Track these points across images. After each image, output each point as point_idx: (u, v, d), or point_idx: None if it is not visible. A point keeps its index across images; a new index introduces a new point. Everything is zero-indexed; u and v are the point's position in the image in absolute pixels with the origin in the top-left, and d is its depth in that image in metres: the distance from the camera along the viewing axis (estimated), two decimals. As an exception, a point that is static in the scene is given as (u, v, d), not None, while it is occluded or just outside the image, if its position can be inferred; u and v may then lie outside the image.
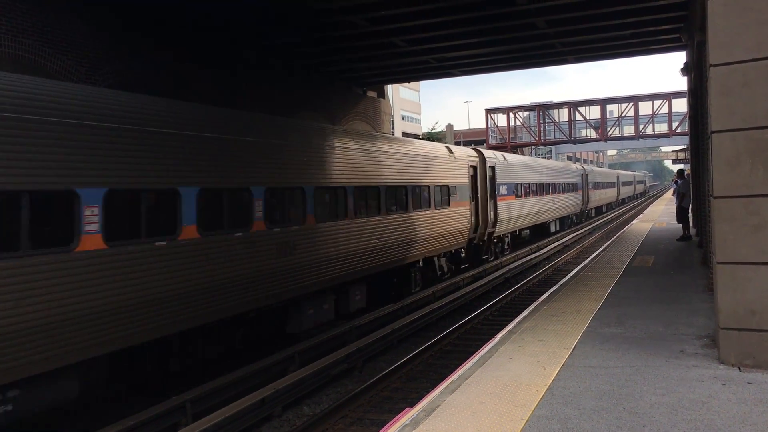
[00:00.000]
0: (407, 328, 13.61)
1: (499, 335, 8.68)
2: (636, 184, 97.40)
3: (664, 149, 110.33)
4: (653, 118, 43.92)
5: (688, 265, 14.59)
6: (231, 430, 8.36)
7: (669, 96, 42.40)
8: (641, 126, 44.05)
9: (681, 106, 40.10)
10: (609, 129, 45.19)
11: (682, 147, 44.69)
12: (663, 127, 44.93)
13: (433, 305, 15.41)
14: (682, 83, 40.22)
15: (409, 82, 34.54)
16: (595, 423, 5.29)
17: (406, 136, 41.79)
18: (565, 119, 46.22)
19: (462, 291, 17.59)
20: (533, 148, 52.60)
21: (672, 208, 27.70)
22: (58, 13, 12.59)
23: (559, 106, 48.57)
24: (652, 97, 44.01)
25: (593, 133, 46.37)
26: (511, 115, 46.84)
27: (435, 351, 12.33)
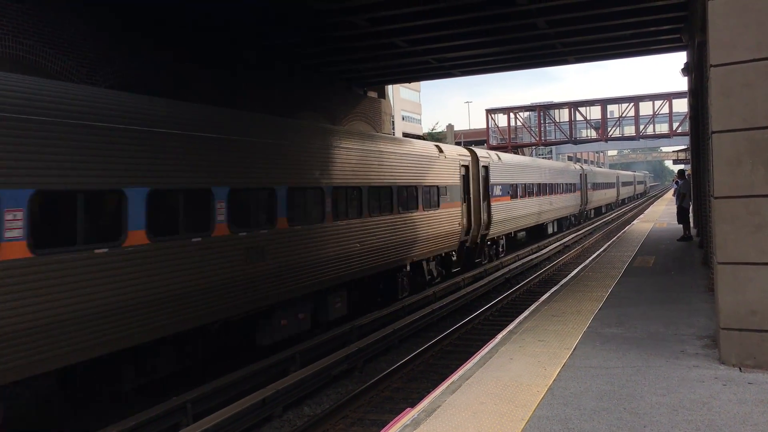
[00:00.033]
0: (408, 328, 13.61)
1: (500, 335, 8.69)
2: (636, 184, 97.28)
3: (664, 149, 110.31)
4: (654, 118, 43.91)
5: (688, 266, 14.60)
6: (232, 430, 8.37)
7: (670, 96, 42.42)
8: (642, 126, 44.04)
9: (681, 106, 40.05)
10: (609, 129, 45.18)
11: (682, 147, 44.57)
12: (664, 128, 44.92)
13: (434, 305, 15.41)
14: (682, 83, 40.32)
15: (410, 82, 34.56)
16: (596, 423, 5.30)
17: (406, 136, 41.73)
18: (566, 119, 46.17)
19: (462, 291, 17.59)
20: (534, 148, 52.63)
21: (673, 208, 27.67)
22: (58, 13, 12.61)
23: (560, 106, 48.54)
24: (652, 98, 44.01)
25: (594, 134, 46.36)
26: (512, 116, 46.85)
27: (435, 351, 12.34)
